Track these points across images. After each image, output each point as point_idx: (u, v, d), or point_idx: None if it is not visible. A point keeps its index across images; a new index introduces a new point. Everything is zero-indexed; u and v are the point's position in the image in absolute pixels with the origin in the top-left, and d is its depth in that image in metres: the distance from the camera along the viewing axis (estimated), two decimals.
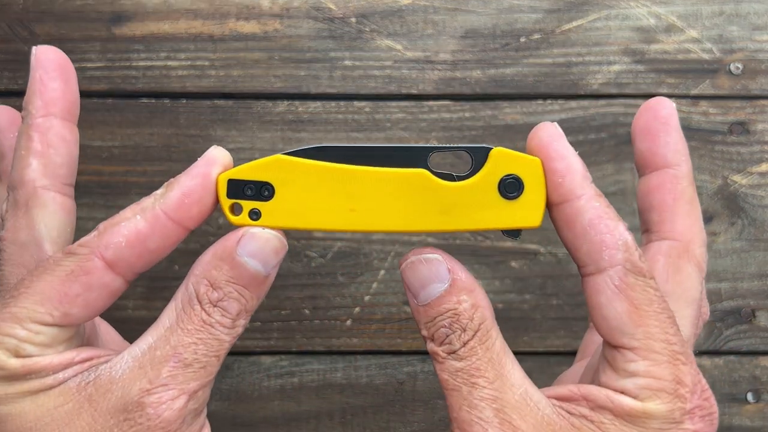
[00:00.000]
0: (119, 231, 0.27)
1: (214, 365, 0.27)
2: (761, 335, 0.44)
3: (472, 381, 0.27)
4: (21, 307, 0.27)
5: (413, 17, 0.45)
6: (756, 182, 0.44)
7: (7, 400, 0.26)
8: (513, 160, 0.28)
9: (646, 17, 0.45)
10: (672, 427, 0.27)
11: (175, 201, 0.27)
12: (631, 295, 0.27)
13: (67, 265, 0.27)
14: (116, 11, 0.44)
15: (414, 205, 0.28)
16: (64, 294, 0.27)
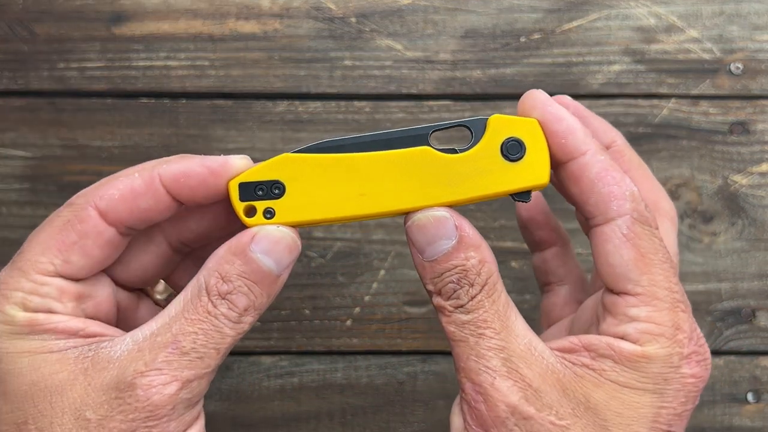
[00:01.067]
0: (116, 184, 0.28)
1: (212, 357, 0.27)
2: (761, 335, 0.44)
3: (479, 332, 0.28)
4: (25, 260, 0.27)
5: (413, 17, 0.45)
6: (756, 182, 0.44)
7: (8, 358, 0.27)
8: (511, 123, 0.29)
9: (646, 17, 0.45)
10: (670, 371, 0.28)
11: (174, 173, 0.28)
12: (639, 243, 0.28)
13: (65, 215, 0.28)
14: (116, 11, 0.44)
15: (422, 181, 0.28)
16: (62, 242, 0.27)
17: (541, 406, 0.27)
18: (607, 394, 0.27)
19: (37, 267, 0.27)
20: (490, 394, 0.27)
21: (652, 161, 0.44)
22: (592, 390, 0.28)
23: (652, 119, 0.44)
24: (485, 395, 0.27)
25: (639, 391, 0.28)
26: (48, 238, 0.27)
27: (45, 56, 0.44)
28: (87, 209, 0.28)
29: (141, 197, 0.28)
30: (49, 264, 0.27)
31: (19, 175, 0.44)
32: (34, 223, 0.43)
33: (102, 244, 0.28)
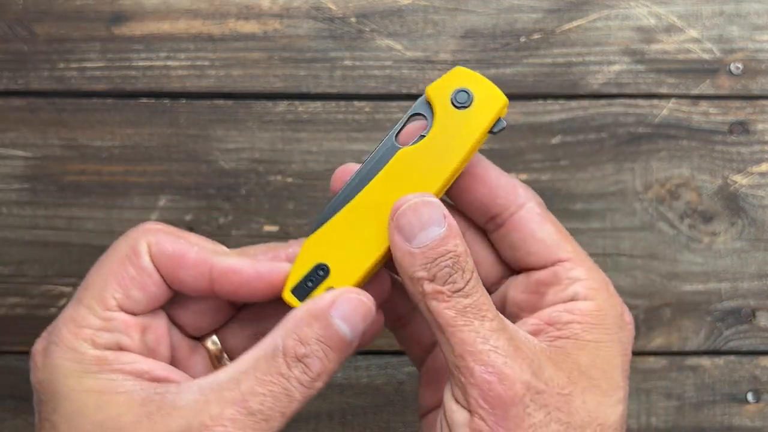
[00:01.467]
0: (173, 240, 0.29)
1: (277, 420, 0.27)
2: (761, 335, 0.44)
3: (482, 315, 0.28)
4: (89, 296, 0.28)
5: (413, 17, 0.45)
6: (756, 182, 0.44)
7: (75, 396, 0.27)
8: (444, 84, 0.30)
9: (646, 17, 0.45)
10: (620, 319, 0.31)
11: (223, 267, 0.29)
12: (551, 219, 0.32)
13: (123, 248, 0.28)
14: (116, 11, 0.44)
15: (418, 178, 0.30)
16: (122, 276, 0.28)
17: (546, 379, 0.28)
18: (590, 354, 0.29)
19: (102, 302, 0.27)
20: (507, 374, 0.27)
21: (652, 161, 0.44)
22: (577, 354, 0.29)
23: (651, 119, 0.44)
24: (501, 375, 0.27)
25: (609, 343, 0.30)
26: (108, 272, 0.28)
27: (45, 56, 0.44)
28: (142, 244, 0.28)
29: (186, 269, 0.29)
30: (111, 298, 0.28)
31: (19, 175, 0.44)
32: (34, 223, 0.44)
33: (158, 281, 0.28)
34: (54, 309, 0.44)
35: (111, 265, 0.28)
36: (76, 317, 0.27)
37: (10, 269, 0.44)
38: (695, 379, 0.44)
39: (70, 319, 0.27)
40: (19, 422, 0.44)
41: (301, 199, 0.44)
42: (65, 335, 0.27)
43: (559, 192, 0.44)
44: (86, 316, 0.27)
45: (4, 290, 0.44)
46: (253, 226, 0.44)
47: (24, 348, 0.43)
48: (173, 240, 0.29)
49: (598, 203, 0.44)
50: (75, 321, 0.27)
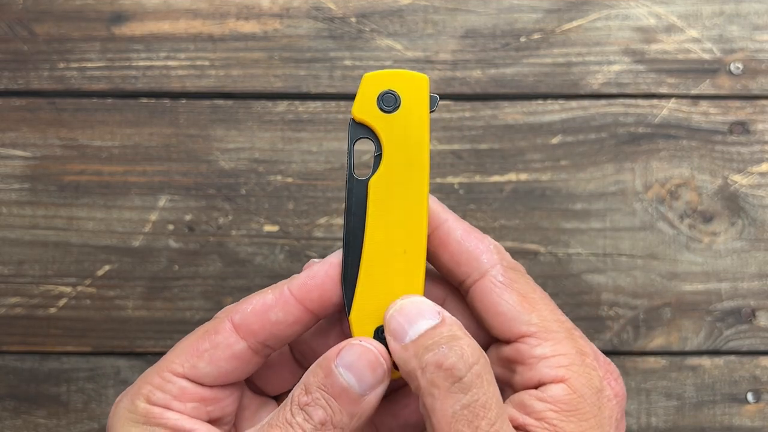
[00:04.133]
0: (250, 300, 0.29)
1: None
2: (761, 335, 0.44)
3: (476, 424, 0.26)
4: (163, 360, 0.29)
5: (413, 17, 0.45)
6: (756, 182, 0.44)
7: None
8: (364, 99, 0.29)
9: (646, 17, 0.45)
10: (599, 397, 0.28)
11: (300, 281, 0.29)
12: (517, 286, 0.29)
13: (208, 325, 0.29)
14: (116, 11, 0.44)
15: (403, 194, 0.29)
16: (195, 348, 0.29)
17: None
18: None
19: (169, 367, 0.29)
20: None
21: (652, 161, 0.44)
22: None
23: (651, 119, 0.44)
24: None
25: (587, 431, 0.27)
26: (188, 344, 0.29)
27: (45, 56, 0.44)
28: (224, 322, 0.29)
29: (271, 310, 0.29)
30: (180, 366, 0.29)
31: (19, 175, 0.44)
32: (34, 223, 0.44)
33: (230, 356, 0.29)
34: (53, 309, 0.44)
35: (193, 338, 0.29)
36: (145, 376, 0.29)
37: (10, 269, 0.44)
38: (695, 379, 0.44)
39: (142, 377, 0.29)
40: (19, 422, 0.44)
41: (301, 199, 0.44)
42: (132, 389, 0.29)
43: (559, 192, 0.44)
44: (153, 376, 0.29)
45: (3, 290, 0.44)
46: (253, 226, 0.44)
47: (24, 348, 0.43)
48: (250, 302, 0.29)
49: (598, 203, 0.44)
50: (143, 378, 0.29)
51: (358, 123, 0.30)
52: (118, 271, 0.44)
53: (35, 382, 0.44)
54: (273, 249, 0.44)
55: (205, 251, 0.44)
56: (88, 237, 0.44)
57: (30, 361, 0.44)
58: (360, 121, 0.29)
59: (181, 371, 0.29)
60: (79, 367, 0.44)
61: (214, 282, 0.43)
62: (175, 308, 0.44)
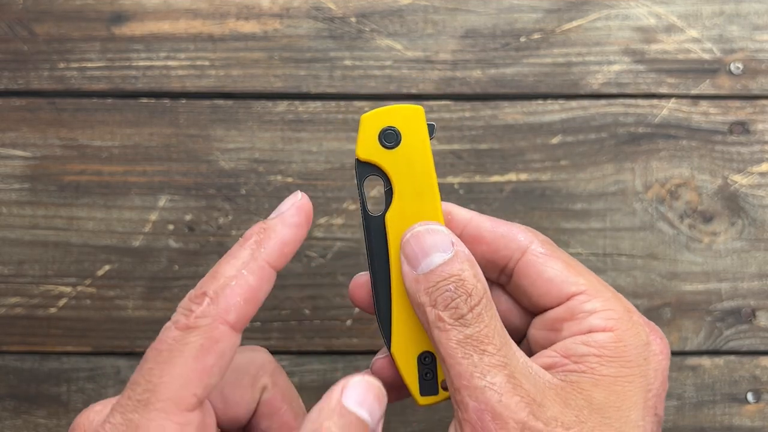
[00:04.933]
0: (234, 292, 0.27)
1: None
2: (761, 335, 0.44)
3: (482, 348, 0.27)
4: (165, 399, 0.25)
5: (413, 17, 0.45)
6: (756, 182, 0.44)
7: None
8: (366, 140, 0.30)
9: (646, 17, 0.45)
10: (644, 350, 0.29)
11: (277, 251, 0.28)
12: (559, 255, 0.30)
13: (195, 340, 0.26)
14: (116, 11, 0.44)
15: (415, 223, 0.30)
16: (202, 369, 0.26)
17: (547, 419, 0.27)
18: (605, 390, 0.28)
19: (181, 404, 0.25)
20: (499, 412, 0.26)
21: (652, 161, 0.44)
22: (591, 391, 0.28)
23: (652, 119, 0.44)
24: (494, 413, 0.26)
25: (629, 377, 0.28)
26: (185, 369, 0.26)
27: (45, 56, 0.44)
28: (218, 327, 0.26)
29: (260, 290, 0.27)
30: (193, 396, 0.26)
31: (19, 175, 0.44)
32: (34, 223, 0.44)
33: (233, 355, 0.27)
34: (54, 309, 0.44)
35: (185, 361, 0.26)
36: (148, 425, 0.25)
37: (10, 269, 0.44)
38: (695, 379, 0.44)
39: (139, 426, 0.25)
40: (19, 422, 0.44)
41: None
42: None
43: (559, 192, 0.44)
44: (163, 426, 0.25)
45: (3, 290, 0.44)
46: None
47: (24, 348, 0.43)
48: (237, 293, 0.27)
49: (598, 203, 0.44)
50: (147, 429, 0.25)
51: (363, 162, 0.30)
52: (118, 271, 0.44)
53: (35, 382, 0.44)
54: None
55: (205, 251, 0.44)
56: (88, 237, 0.44)
57: (30, 361, 0.44)
58: (365, 161, 0.30)
59: (195, 402, 0.26)
60: (79, 367, 0.44)
61: None
62: (175, 308, 0.44)
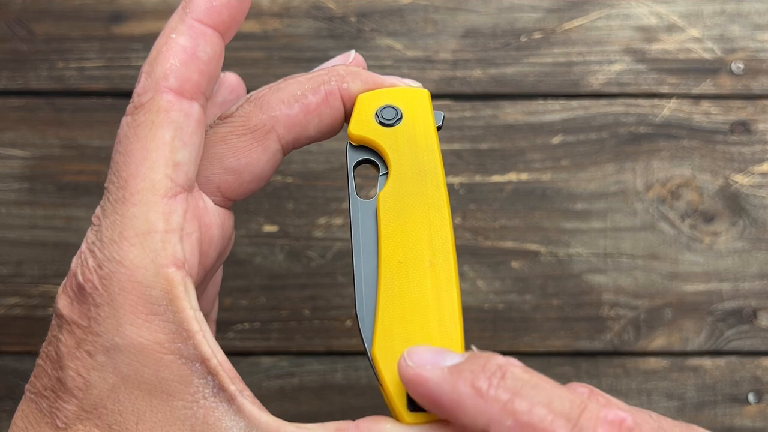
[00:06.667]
0: (165, 56, 0.24)
1: None
2: (763, 336, 0.44)
3: None
4: (139, 191, 0.23)
5: (413, 16, 0.45)
6: (757, 182, 0.44)
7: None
8: (361, 118, 0.27)
9: (647, 16, 0.45)
10: None
11: (204, 5, 0.25)
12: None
13: (143, 119, 0.24)
14: (115, 10, 0.44)
15: (420, 209, 0.26)
16: (163, 146, 0.23)
17: None
18: None
19: (158, 191, 0.23)
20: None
21: (653, 161, 0.44)
22: None
23: (653, 119, 0.44)
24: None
25: None
26: (146, 152, 0.24)
27: (44, 56, 0.44)
28: (162, 96, 0.24)
29: (197, 49, 0.25)
30: (166, 179, 0.24)
31: (18, 175, 0.44)
32: (33, 223, 0.43)
33: (195, 126, 0.25)
34: (53, 309, 0.43)
35: (144, 140, 0.23)
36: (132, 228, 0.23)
37: (9, 269, 0.43)
38: (696, 380, 0.44)
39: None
40: None
41: (301, 199, 0.44)
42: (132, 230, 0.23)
43: (560, 192, 0.44)
44: (154, 229, 0.23)
45: (2, 290, 0.43)
46: (252, 226, 0.44)
47: (23, 348, 0.43)
48: (165, 56, 0.24)
49: (599, 203, 0.44)
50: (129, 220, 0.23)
51: (356, 146, 0.27)
52: None
53: None
54: (272, 249, 0.44)
55: None
56: None
57: (29, 362, 0.43)
58: (359, 141, 0.27)
59: (170, 185, 0.23)
60: None
61: None
62: None
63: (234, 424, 0.23)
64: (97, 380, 0.23)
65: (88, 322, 0.23)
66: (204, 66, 0.25)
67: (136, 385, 0.23)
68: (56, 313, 0.25)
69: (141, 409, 0.23)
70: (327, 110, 0.27)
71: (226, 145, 0.26)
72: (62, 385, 0.23)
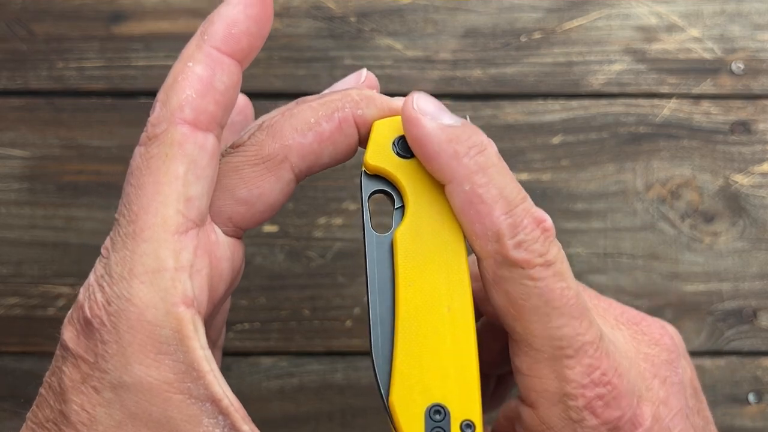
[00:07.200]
0: (181, 86, 0.24)
1: None
2: (763, 336, 0.44)
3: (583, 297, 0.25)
4: (150, 227, 0.23)
5: (413, 16, 0.45)
6: (758, 182, 0.44)
7: None
8: (378, 148, 0.26)
9: (647, 16, 0.45)
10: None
11: (222, 33, 0.25)
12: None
13: (157, 151, 0.24)
14: (115, 10, 0.44)
15: (438, 247, 0.25)
16: (175, 180, 0.23)
17: None
18: None
19: (169, 227, 0.23)
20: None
21: (653, 161, 0.44)
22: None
23: (653, 119, 0.44)
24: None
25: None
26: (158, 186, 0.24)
27: (44, 56, 0.44)
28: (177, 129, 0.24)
29: (214, 79, 0.24)
30: (178, 215, 0.24)
31: (17, 175, 0.44)
32: (32, 224, 0.43)
33: (209, 159, 0.24)
34: (53, 309, 0.43)
35: (156, 173, 0.23)
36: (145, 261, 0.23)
37: (9, 269, 0.43)
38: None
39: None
40: (18, 422, 0.43)
41: (301, 199, 0.44)
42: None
43: (560, 192, 0.44)
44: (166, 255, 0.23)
45: (2, 290, 0.43)
46: None
47: (23, 348, 0.43)
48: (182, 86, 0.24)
49: (599, 203, 0.44)
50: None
51: (371, 175, 0.26)
52: None
53: (34, 384, 0.43)
54: (273, 249, 0.44)
55: None
56: (87, 237, 0.44)
57: (29, 362, 0.43)
58: (375, 171, 0.26)
59: (182, 221, 0.23)
60: None
61: None
62: None
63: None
64: (103, 416, 0.23)
65: (95, 358, 0.23)
66: (220, 96, 0.24)
67: (144, 423, 0.22)
68: (62, 344, 0.25)
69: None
70: (341, 138, 0.26)
71: (239, 175, 0.25)
72: (65, 419, 0.23)
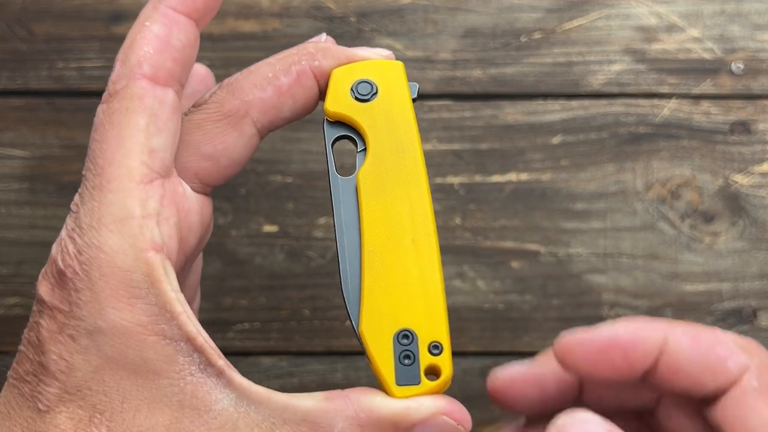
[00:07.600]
0: (139, 44, 0.24)
1: None
2: (763, 336, 0.44)
3: None
4: (115, 178, 0.24)
5: (413, 16, 0.45)
6: (757, 182, 0.44)
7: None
8: (336, 94, 0.27)
9: (647, 16, 0.45)
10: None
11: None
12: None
13: (118, 106, 0.24)
14: (115, 10, 0.44)
15: (400, 185, 0.26)
16: (138, 133, 0.24)
17: None
18: None
19: (134, 177, 0.24)
20: None
21: (653, 161, 0.44)
22: None
23: (653, 119, 0.44)
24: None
25: None
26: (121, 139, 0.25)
27: (44, 56, 0.44)
28: (136, 83, 0.25)
29: (171, 37, 0.25)
30: (143, 165, 0.24)
31: (17, 175, 0.44)
32: (33, 224, 0.43)
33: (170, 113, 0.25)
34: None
35: (119, 128, 0.24)
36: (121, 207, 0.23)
37: (9, 269, 0.43)
38: None
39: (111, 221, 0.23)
40: None
41: (301, 199, 0.44)
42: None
43: (559, 192, 0.44)
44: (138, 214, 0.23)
45: (2, 290, 0.43)
46: (252, 226, 0.44)
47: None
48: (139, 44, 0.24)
49: (598, 203, 0.44)
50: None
51: (333, 122, 0.27)
52: None
53: None
54: (272, 249, 0.44)
55: (204, 251, 0.44)
56: None
57: None
58: (335, 117, 0.27)
59: (146, 171, 0.23)
60: None
61: (213, 282, 0.43)
62: None
63: (224, 396, 0.23)
64: (81, 363, 0.23)
65: (70, 306, 0.24)
66: (178, 54, 0.25)
67: (121, 365, 0.23)
68: (37, 299, 0.25)
69: (126, 388, 0.23)
70: (300, 90, 0.27)
71: (202, 131, 0.26)
72: (44, 369, 0.24)
